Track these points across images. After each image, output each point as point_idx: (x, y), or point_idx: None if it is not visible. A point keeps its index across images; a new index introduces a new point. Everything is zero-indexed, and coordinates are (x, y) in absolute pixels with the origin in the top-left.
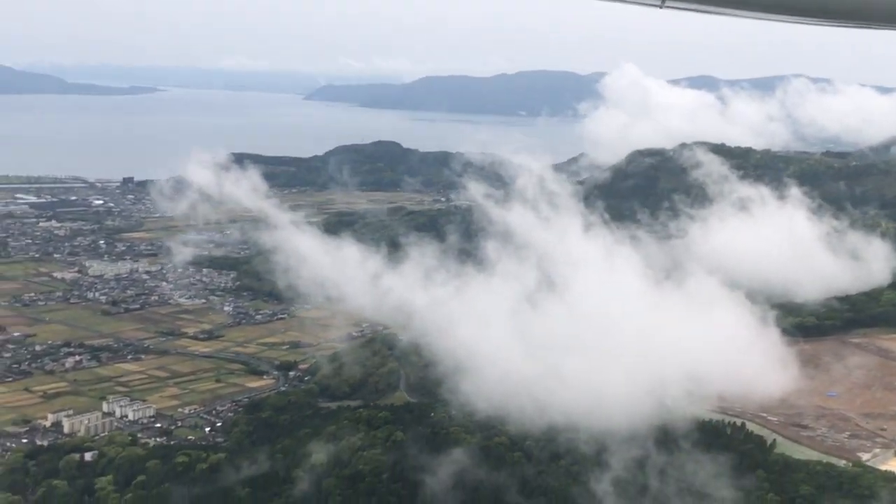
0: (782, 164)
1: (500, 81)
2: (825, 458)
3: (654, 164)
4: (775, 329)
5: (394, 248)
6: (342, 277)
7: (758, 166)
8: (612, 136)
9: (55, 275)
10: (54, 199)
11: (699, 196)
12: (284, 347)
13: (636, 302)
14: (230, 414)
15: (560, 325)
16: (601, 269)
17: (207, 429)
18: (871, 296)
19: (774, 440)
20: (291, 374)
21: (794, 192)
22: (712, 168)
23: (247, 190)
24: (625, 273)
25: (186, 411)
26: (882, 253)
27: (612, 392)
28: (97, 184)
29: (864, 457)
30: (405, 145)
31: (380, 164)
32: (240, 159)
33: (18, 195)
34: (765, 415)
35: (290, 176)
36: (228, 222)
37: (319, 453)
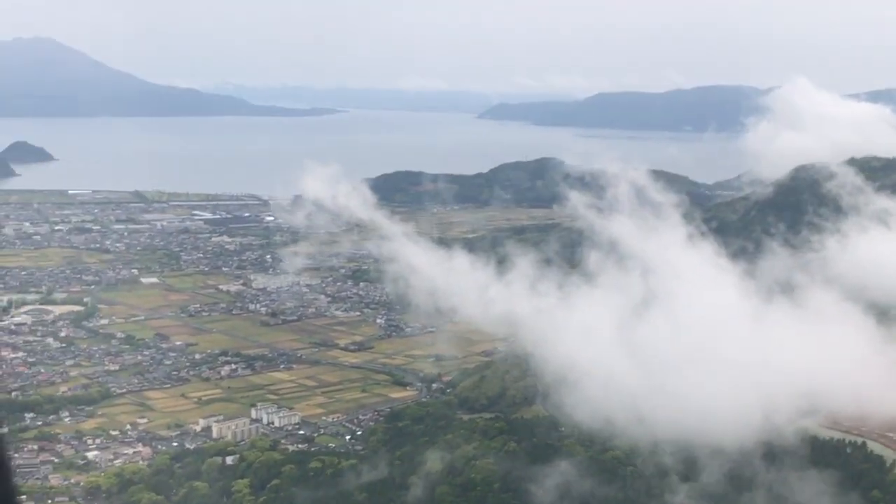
0: None
1: (674, 97)
2: None
3: (818, 180)
4: None
5: (546, 264)
6: (491, 293)
7: None
8: (778, 151)
9: (221, 287)
10: (228, 216)
11: (853, 212)
12: (430, 360)
13: (761, 317)
14: (371, 423)
15: (694, 341)
16: (728, 285)
17: (348, 437)
18: None
19: (895, 461)
20: (434, 385)
21: None
22: (875, 184)
23: (405, 206)
24: (748, 289)
25: (330, 419)
26: None
27: (723, 408)
28: (270, 201)
29: None
30: (569, 162)
31: (540, 181)
32: (406, 177)
33: (195, 212)
34: (891, 434)
35: (452, 193)
36: (381, 238)
37: (435, 461)
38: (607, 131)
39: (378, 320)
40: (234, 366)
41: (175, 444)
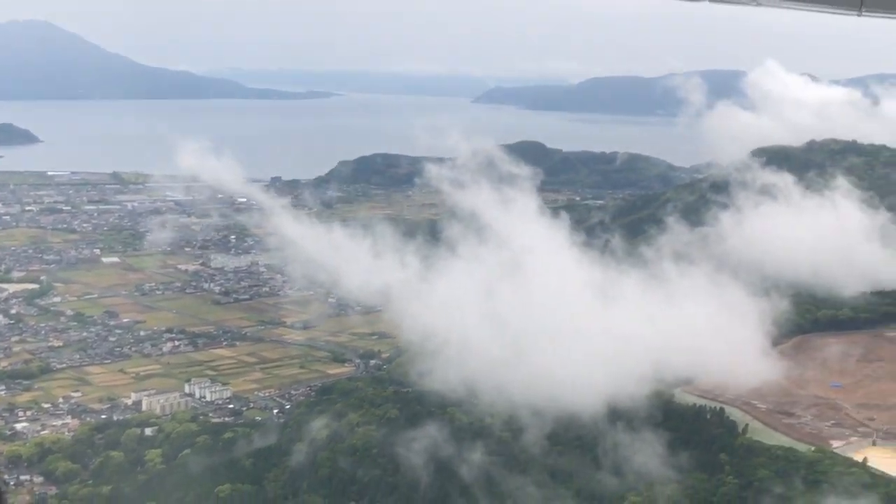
0: None
1: (669, 81)
2: (794, 444)
3: (770, 162)
4: (796, 321)
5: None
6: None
7: (888, 164)
8: (744, 133)
9: (180, 267)
10: (201, 197)
11: (765, 193)
12: (374, 337)
13: (639, 291)
14: (302, 398)
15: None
16: (602, 263)
17: (276, 410)
18: None
19: (747, 425)
20: (372, 362)
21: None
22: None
23: (382, 188)
24: (635, 265)
25: (263, 394)
26: None
27: (586, 376)
28: (247, 182)
29: (837, 444)
30: (551, 146)
31: (520, 163)
32: (384, 159)
33: (168, 193)
34: (755, 402)
35: (430, 175)
36: (352, 219)
37: (321, 429)
38: (601, 115)
39: (329, 299)
40: (176, 343)
41: (104, 416)
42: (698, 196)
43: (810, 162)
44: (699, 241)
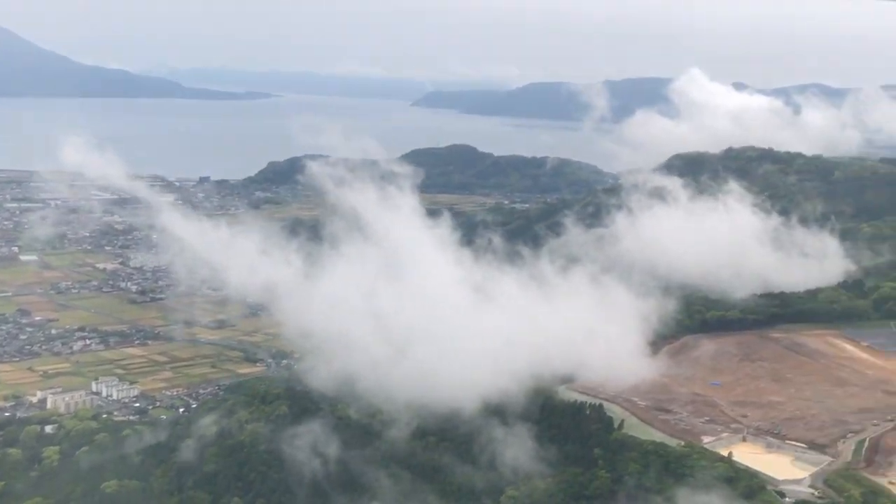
0: (827, 169)
1: (605, 88)
2: (667, 440)
3: (687, 167)
4: (685, 321)
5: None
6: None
7: (801, 171)
8: (668, 139)
9: (98, 265)
10: (127, 196)
11: (666, 199)
12: (286, 338)
13: (527, 293)
14: (209, 397)
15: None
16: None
17: (182, 409)
18: (812, 293)
19: (623, 421)
20: (284, 361)
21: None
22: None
23: (309, 188)
24: (528, 267)
25: (171, 393)
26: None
27: (470, 374)
28: (175, 182)
29: (708, 440)
30: (483, 149)
31: (451, 167)
32: (314, 160)
33: (94, 191)
34: (635, 399)
35: (357, 176)
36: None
37: (210, 426)
38: (537, 121)
39: (247, 299)
40: (88, 341)
41: (7, 414)
42: (613, 200)
43: (726, 168)
44: (597, 243)
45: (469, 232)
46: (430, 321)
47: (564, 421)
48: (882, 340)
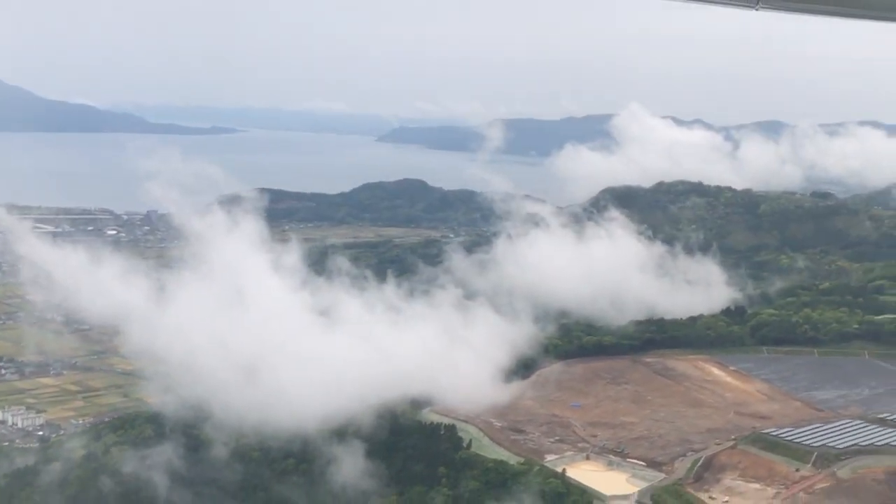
0: (754, 202)
1: (567, 125)
2: (511, 458)
3: (617, 201)
4: (563, 346)
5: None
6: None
7: (728, 204)
8: (605, 174)
9: (27, 297)
10: (72, 229)
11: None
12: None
13: (393, 317)
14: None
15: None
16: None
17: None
18: (693, 320)
19: (471, 441)
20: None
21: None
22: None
23: (248, 225)
24: (397, 294)
25: (77, 422)
26: (741, 285)
27: (335, 396)
28: (123, 216)
29: (551, 458)
30: (432, 183)
31: (399, 200)
32: (264, 195)
33: (39, 225)
34: (493, 420)
35: (309, 211)
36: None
37: (80, 449)
38: (499, 156)
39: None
40: (2, 371)
41: None
42: (508, 229)
43: (655, 202)
44: (482, 271)
45: (363, 262)
46: (287, 348)
47: (413, 441)
48: (750, 365)
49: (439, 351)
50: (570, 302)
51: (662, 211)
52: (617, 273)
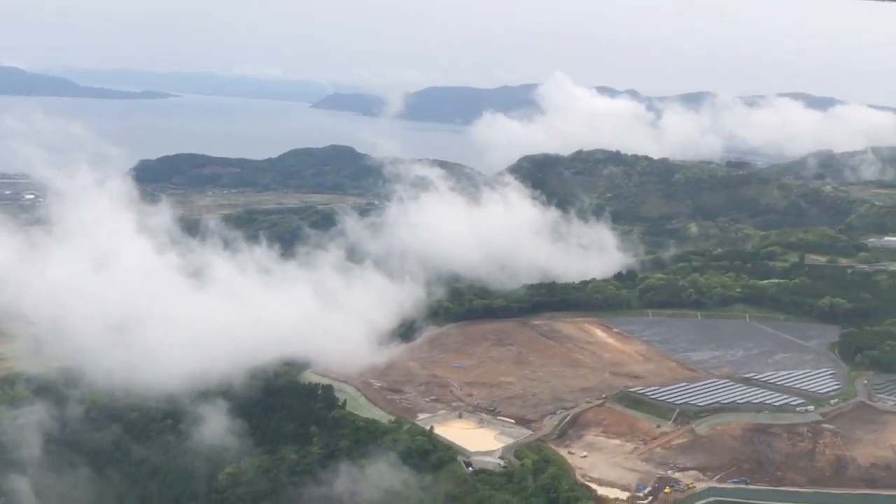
0: (669, 171)
1: (502, 93)
2: (385, 418)
3: (536, 168)
4: (454, 308)
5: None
6: None
7: (643, 172)
8: (523, 141)
9: None
10: None
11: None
12: None
13: (282, 282)
14: None
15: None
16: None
17: None
18: (585, 284)
19: (345, 401)
20: None
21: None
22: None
23: (181, 188)
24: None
25: None
26: (636, 250)
27: (210, 357)
28: (42, 181)
29: (424, 416)
30: (361, 150)
31: (327, 167)
32: (188, 159)
33: None
34: (373, 381)
35: (234, 176)
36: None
37: None
38: (432, 124)
39: None
40: None
41: None
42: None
43: (573, 169)
44: (377, 236)
45: (271, 229)
46: (161, 310)
47: (288, 402)
48: (633, 327)
49: (320, 314)
50: (466, 266)
51: (579, 178)
52: (514, 238)
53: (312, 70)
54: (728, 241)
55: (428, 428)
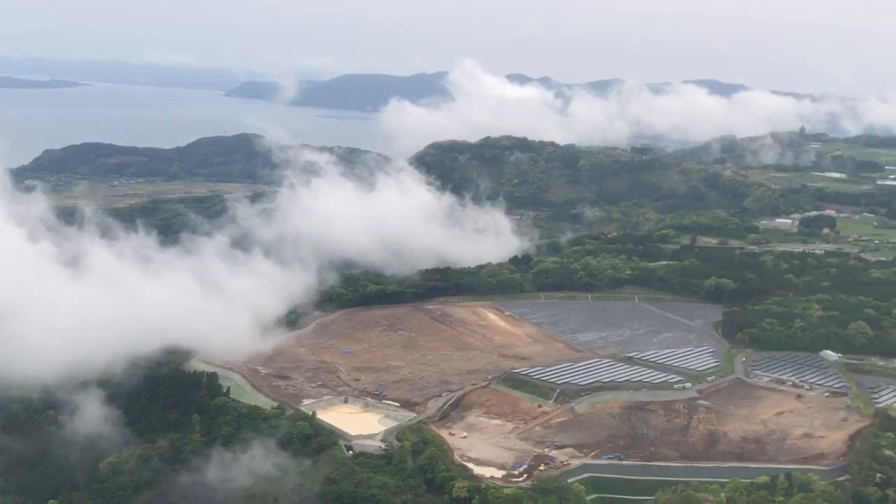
0: (574, 157)
1: (417, 81)
2: (268, 404)
3: (443, 155)
4: (347, 295)
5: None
6: None
7: (549, 159)
8: (432, 128)
9: None
10: None
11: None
12: None
13: (168, 271)
14: None
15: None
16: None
17: None
18: (480, 268)
19: (229, 388)
20: None
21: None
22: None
23: (86, 178)
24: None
25: None
26: (531, 234)
27: (90, 347)
28: None
29: (308, 402)
30: (271, 138)
31: (237, 156)
32: (94, 148)
33: None
34: (261, 368)
35: (141, 166)
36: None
37: None
38: (347, 111)
39: None
40: None
41: None
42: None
43: (480, 156)
44: (282, 226)
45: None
46: (37, 299)
47: (170, 390)
48: (526, 310)
49: (204, 302)
50: (360, 253)
51: (486, 165)
52: (410, 224)
53: (226, 58)
54: (630, 225)
55: (311, 413)
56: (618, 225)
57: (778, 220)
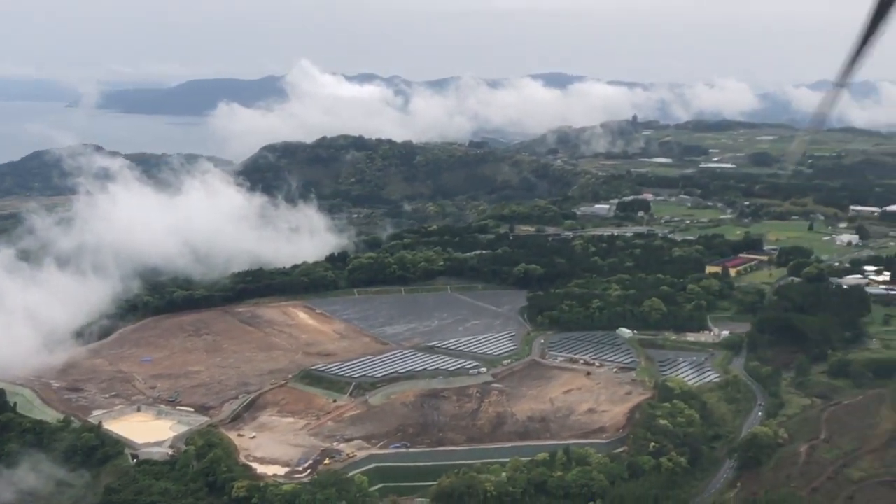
0: (411, 154)
1: (265, 83)
2: (56, 417)
3: (280, 156)
4: (153, 302)
5: None
6: None
7: (386, 156)
8: (267, 130)
9: None
10: None
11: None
12: None
13: None
14: None
15: None
16: None
17: None
18: (295, 268)
19: (16, 403)
20: None
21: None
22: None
23: None
24: None
25: None
26: (349, 231)
27: None
28: None
29: (98, 413)
30: (110, 149)
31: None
32: None
33: None
34: (53, 381)
35: None
36: None
37: None
38: (193, 118)
39: None
40: None
41: None
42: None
43: (316, 156)
44: (85, 236)
45: None
46: None
47: None
48: (337, 307)
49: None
50: (167, 259)
51: (322, 165)
52: (219, 228)
53: (68, 68)
54: (463, 218)
55: (97, 424)
56: (452, 219)
57: (596, 206)
